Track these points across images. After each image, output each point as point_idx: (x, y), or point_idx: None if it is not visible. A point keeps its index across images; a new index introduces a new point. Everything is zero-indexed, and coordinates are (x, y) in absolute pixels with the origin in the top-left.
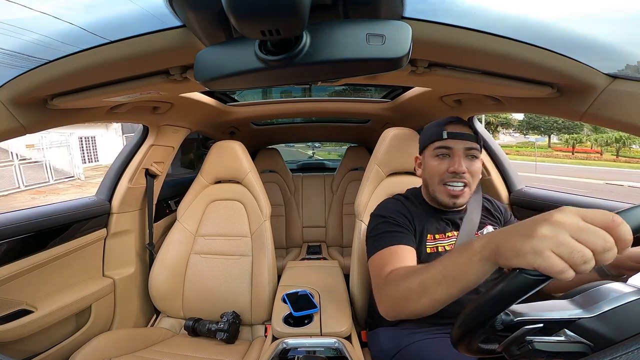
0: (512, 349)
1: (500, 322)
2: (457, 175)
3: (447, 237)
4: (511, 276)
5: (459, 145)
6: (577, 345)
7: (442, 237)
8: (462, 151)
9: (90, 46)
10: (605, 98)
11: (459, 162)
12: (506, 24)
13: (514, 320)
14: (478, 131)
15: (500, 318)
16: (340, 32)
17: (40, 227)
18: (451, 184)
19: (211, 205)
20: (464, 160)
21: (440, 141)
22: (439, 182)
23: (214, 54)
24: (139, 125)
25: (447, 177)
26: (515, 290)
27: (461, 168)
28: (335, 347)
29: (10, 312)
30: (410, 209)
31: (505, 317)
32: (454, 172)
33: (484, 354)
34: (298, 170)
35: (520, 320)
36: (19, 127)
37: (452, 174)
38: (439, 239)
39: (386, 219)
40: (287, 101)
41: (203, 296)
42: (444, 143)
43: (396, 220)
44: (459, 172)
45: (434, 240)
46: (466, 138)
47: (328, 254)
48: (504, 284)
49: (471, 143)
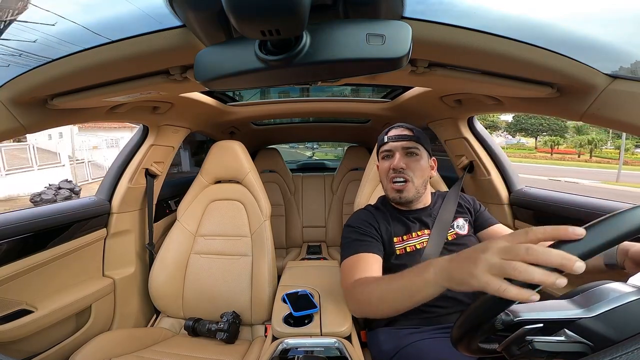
0: (512, 349)
1: (501, 322)
2: (397, 171)
3: (417, 235)
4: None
5: (397, 145)
6: (577, 345)
7: (409, 237)
8: (400, 150)
9: (90, 46)
10: (605, 98)
11: (398, 160)
12: (506, 24)
13: (514, 320)
14: (419, 133)
15: (500, 318)
16: (340, 32)
17: (40, 227)
18: (394, 180)
19: (211, 205)
20: (403, 158)
21: (383, 145)
22: (386, 180)
23: (214, 54)
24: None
25: (390, 174)
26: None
27: (399, 164)
28: (336, 347)
29: (10, 312)
30: (377, 218)
31: (506, 317)
32: (393, 169)
33: (484, 354)
34: (298, 170)
35: (520, 320)
36: (19, 127)
37: (393, 171)
38: (407, 239)
39: (354, 228)
40: (287, 101)
41: (203, 296)
42: (386, 147)
43: (363, 230)
44: (397, 167)
45: (402, 241)
46: (404, 139)
47: (328, 254)
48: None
49: (409, 142)
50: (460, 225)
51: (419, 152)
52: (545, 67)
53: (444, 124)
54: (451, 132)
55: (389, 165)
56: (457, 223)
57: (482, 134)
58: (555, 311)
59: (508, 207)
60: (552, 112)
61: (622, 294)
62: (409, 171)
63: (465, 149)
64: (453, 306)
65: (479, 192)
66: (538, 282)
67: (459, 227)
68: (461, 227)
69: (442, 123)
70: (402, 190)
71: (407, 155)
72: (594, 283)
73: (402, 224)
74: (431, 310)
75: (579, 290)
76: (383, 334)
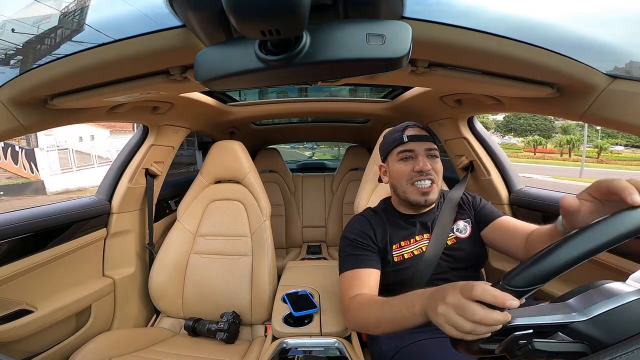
0: (512, 349)
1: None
2: (424, 173)
3: (416, 241)
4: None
5: (419, 146)
6: (578, 345)
7: (407, 244)
8: (423, 151)
9: (90, 46)
10: (605, 98)
11: (423, 162)
12: (506, 24)
13: (505, 326)
14: (432, 132)
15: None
16: (340, 32)
17: (40, 227)
18: (419, 182)
19: (211, 205)
20: (427, 159)
21: (403, 145)
22: (407, 183)
23: (214, 54)
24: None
25: (414, 176)
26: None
27: (426, 166)
28: (335, 347)
29: (10, 312)
30: (374, 225)
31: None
32: (420, 171)
33: (484, 354)
34: (298, 170)
35: (512, 326)
36: (19, 127)
37: (419, 173)
38: (405, 245)
39: (350, 241)
40: (287, 101)
41: (203, 296)
42: (406, 146)
43: (359, 243)
44: (424, 170)
45: (400, 248)
46: (425, 139)
47: (328, 254)
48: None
49: (430, 144)
50: (460, 228)
51: (438, 154)
52: (545, 67)
53: (444, 124)
54: (451, 132)
55: (411, 167)
56: (458, 226)
57: (482, 134)
58: (548, 315)
59: (508, 207)
60: (552, 112)
61: (617, 295)
62: (434, 173)
63: (465, 149)
64: None
65: (479, 192)
66: (471, 330)
67: (459, 230)
68: (462, 230)
69: (442, 123)
70: (429, 192)
71: (428, 157)
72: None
73: (403, 229)
74: None
75: (575, 291)
76: (383, 334)
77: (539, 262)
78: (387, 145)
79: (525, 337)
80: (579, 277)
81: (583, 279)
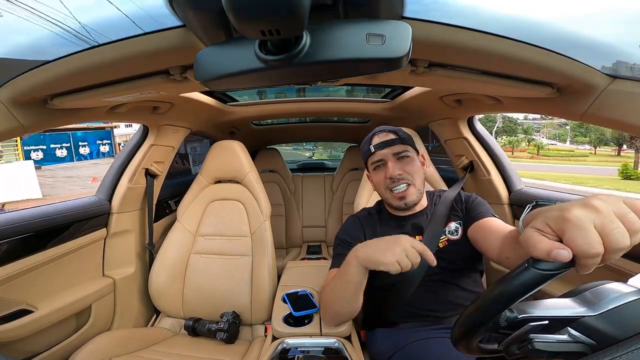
0: (512, 349)
1: (505, 319)
2: (394, 179)
3: None
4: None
5: (387, 152)
6: (578, 345)
7: None
8: (391, 157)
9: (90, 46)
10: (605, 98)
11: (393, 168)
12: (506, 24)
13: (518, 317)
14: (402, 133)
15: (505, 315)
16: (340, 32)
17: (40, 227)
18: (394, 188)
19: (211, 205)
20: (397, 164)
21: (371, 156)
22: (385, 190)
23: (214, 54)
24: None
25: (388, 183)
26: (520, 286)
27: (395, 172)
28: (335, 347)
29: (10, 312)
30: (365, 226)
31: (510, 314)
32: (391, 178)
33: (484, 354)
34: (298, 170)
35: (524, 318)
36: (19, 127)
37: (391, 180)
38: None
39: (341, 241)
40: (287, 101)
41: (203, 296)
42: (374, 157)
43: (348, 242)
44: (393, 176)
45: None
46: (391, 144)
47: (328, 254)
48: (514, 278)
49: (398, 147)
50: (452, 230)
51: (410, 154)
52: (545, 67)
53: (444, 124)
54: (451, 132)
55: (384, 175)
56: (449, 228)
57: (482, 134)
58: (559, 309)
59: (508, 207)
60: (552, 112)
61: (624, 293)
62: (407, 175)
63: (465, 149)
64: (450, 310)
65: (479, 192)
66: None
67: (450, 232)
68: (453, 232)
69: (442, 123)
70: (405, 196)
71: (399, 160)
72: (594, 283)
73: (394, 229)
74: (429, 315)
75: (579, 289)
76: (382, 333)
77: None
78: (363, 158)
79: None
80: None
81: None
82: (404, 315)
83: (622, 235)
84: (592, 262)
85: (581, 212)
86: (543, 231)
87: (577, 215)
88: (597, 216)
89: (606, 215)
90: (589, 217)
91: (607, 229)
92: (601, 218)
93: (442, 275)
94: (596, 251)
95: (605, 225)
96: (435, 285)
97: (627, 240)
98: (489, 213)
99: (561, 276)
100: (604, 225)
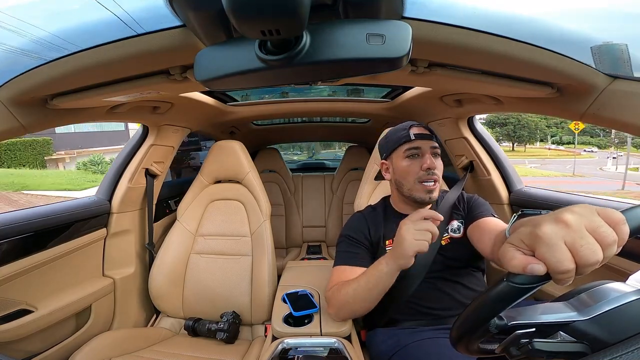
0: (512, 349)
1: (495, 326)
2: (430, 171)
3: None
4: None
5: (426, 144)
6: (578, 345)
7: None
8: (429, 150)
9: (90, 46)
10: (605, 98)
11: (431, 160)
12: (506, 24)
13: (508, 325)
14: (434, 132)
15: (494, 322)
16: (340, 32)
17: (40, 227)
18: (427, 181)
19: (211, 205)
20: (432, 158)
21: (410, 142)
22: (415, 180)
23: (214, 53)
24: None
25: (422, 175)
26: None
27: (434, 164)
28: (335, 347)
29: (10, 312)
30: (369, 222)
31: (499, 322)
32: (428, 169)
33: (484, 354)
34: (298, 170)
35: (514, 324)
36: (19, 127)
37: (427, 171)
38: None
39: (345, 237)
40: (287, 101)
41: (203, 296)
42: (413, 144)
43: (353, 240)
44: (432, 168)
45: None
46: (430, 138)
47: (328, 254)
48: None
49: (434, 143)
50: (454, 228)
51: (439, 153)
52: (545, 67)
53: (444, 123)
54: (451, 132)
55: (418, 165)
56: (452, 226)
57: (482, 134)
58: (549, 314)
59: (508, 207)
60: (552, 112)
61: (619, 295)
62: (438, 172)
63: (465, 149)
64: (452, 308)
65: (479, 192)
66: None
67: (453, 230)
68: (456, 230)
69: (442, 123)
70: (433, 190)
71: (433, 155)
72: (593, 283)
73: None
74: (430, 312)
75: (576, 291)
76: (382, 333)
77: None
78: (392, 143)
79: (526, 336)
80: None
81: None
82: (405, 313)
83: (592, 251)
84: (566, 277)
85: (551, 228)
86: (518, 247)
87: (546, 232)
88: (567, 232)
89: (576, 230)
90: (558, 234)
91: (577, 245)
92: (571, 234)
93: (444, 272)
94: (566, 268)
95: (575, 242)
96: (437, 282)
97: (597, 256)
98: (488, 213)
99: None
100: (574, 241)
